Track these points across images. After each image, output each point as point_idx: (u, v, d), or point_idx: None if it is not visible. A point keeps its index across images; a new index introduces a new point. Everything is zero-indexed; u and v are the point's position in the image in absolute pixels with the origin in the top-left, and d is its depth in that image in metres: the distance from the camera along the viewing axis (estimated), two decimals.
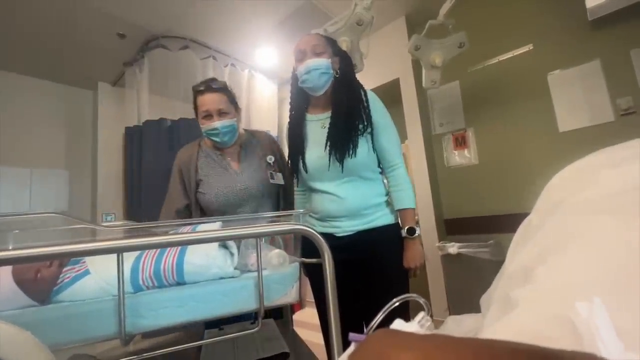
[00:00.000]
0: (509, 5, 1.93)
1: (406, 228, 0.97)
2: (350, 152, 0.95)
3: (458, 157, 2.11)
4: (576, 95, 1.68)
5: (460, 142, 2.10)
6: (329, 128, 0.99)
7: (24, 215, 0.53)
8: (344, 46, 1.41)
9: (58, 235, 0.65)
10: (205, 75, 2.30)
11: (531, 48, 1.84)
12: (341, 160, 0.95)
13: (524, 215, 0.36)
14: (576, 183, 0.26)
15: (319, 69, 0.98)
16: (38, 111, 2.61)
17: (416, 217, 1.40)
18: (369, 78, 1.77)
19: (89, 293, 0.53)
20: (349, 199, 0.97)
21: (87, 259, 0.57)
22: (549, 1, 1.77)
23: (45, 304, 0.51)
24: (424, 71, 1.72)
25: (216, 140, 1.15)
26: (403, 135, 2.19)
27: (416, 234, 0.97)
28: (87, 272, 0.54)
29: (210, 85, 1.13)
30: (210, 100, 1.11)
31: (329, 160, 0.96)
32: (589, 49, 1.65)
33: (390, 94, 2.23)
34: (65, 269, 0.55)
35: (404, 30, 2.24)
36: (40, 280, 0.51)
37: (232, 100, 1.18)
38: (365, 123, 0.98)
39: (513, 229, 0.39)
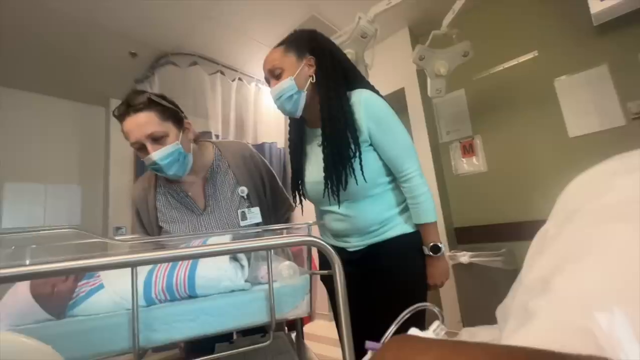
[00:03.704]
0: (513, 13, 1.94)
1: (430, 246, 0.88)
2: (343, 184, 0.85)
3: (466, 165, 2.09)
4: (585, 100, 1.67)
5: (468, 149, 2.09)
6: (323, 153, 0.89)
7: (40, 230, 0.55)
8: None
9: (72, 250, 0.67)
10: (214, 90, 2.36)
11: (536, 55, 1.84)
12: (337, 194, 0.87)
13: (536, 222, 0.36)
14: (591, 191, 0.26)
15: (282, 96, 0.88)
16: (52, 128, 2.70)
17: None
18: None
19: (103, 307, 0.53)
20: (355, 218, 0.90)
21: (102, 273, 0.58)
22: (553, 8, 1.78)
23: (61, 318, 0.52)
24: (429, 80, 1.73)
25: (162, 175, 0.87)
26: None
27: (441, 252, 0.88)
28: (101, 286, 0.55)
29: (130, 104, 0.80)
30: (134, 126, 0.80)
31: (324, 190, 0.89)
32: (596, 53, 1.64)
33: (396, 103, 2.24)
34: (80, 283, 0.56)
35: (407, 40, 2.28)
36: (56, 295, 0.52)
37: (168, 114, 0.84)
38: (354, 148, 0.85)
39: (525, 237, 0.39)
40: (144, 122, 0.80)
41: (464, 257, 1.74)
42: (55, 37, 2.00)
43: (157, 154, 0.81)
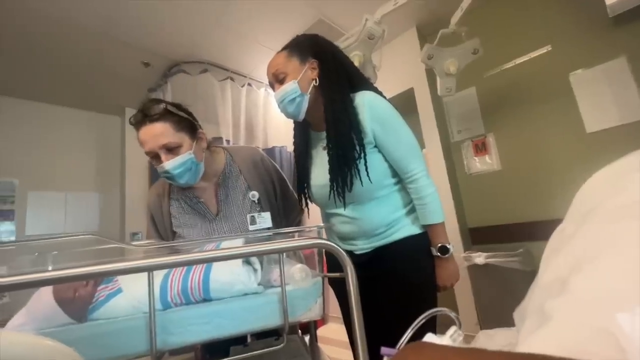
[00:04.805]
0: (523, 7, 1.90)
1: (438, 247, 0.87)
2: (348, 185, 0.85)
3: (479, 164, 2.05)
4: (602, 94, 1.62)
5: (481, 148, 2.05)
6: (328, 156, 0.89)
7: (63, 237, 0.57)
8: (356, 61, 1.43)
9: (91, 255, 0.69)
10: (224, 96, 2.40)
11: (550, 49, 1.80)
12: (342, 195, 0.87)
13: (554, 221, 0.34)
14: (608, 188, 0.25)
15: (285, 99, 0.89)
16: (71, 138, 2.80)
17: None
18: (382, 89, 1.80)
19: (122, 311, 0.55)
20: (361, 220, 0.89)
21: (120, 277, 0.59)
22: (565, 0, 1.73)
23: (82, 321, 0.53)
24: (438, 79, 1.71)
25: (174, 183, 0.90)
26: (420, 144, 2.16)
27: (449, 253, 0.87)
28: (119, 291, 0.57)
29: (147, 114, 0.83)
30: (149, 136, 0.83)
31: (330, 192, 0.88)
32: (613, 46, 1.59)
33: (405, 103, 2.23)
34: (99, 287, 0.58)
35: (415, 40, 2.26)
36: (77, 299, 0.53)
37: (183, 124, 0.87)
38: (359, 150, 0.86)
39: (543, 237, 0.38)
40: (159, 132, 0.83)
41: (479, 258, 1.70)
42: (72, 51, 2.08)
43: (169, 164, 0.83)
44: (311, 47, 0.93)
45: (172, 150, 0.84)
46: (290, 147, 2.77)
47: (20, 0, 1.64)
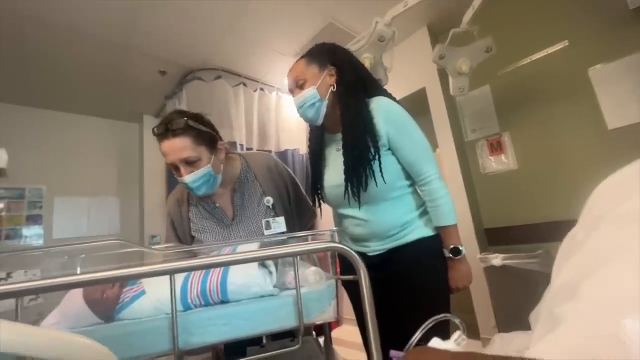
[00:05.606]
0: (538, 1, 1.85)
1: (450, 248, 0.88)
2: (363, 185, 0.88)
3: (495, 163, 2.01)
4: (624, 89, 1.56)
5: (496, 147, 2.01)
6: (343, 157, 0.92)
7: (92, 242, 0.61)
8: (366, 63, 1.43)
9: (115, 258, 0.73)
10: (237, 101, 2.45)
11: (567, 44, 1.75)
12: (357, 195, 0.89)
13: (574, 221, 0.34)
14: (619, 194, 0.25)
15: (305, 104, 0.93)
16: (93, 146, 2.93)
17: None
18: (394, 89, 1.79)
19: (145, 312, 0.58)
20: (374, 222, 0.91)
21: (143, 280, 0.62)
22: None
23: (109, 321, 0.56)
24: (450, 79, 1.69)
25: (193, 194, 0.95)
26: (434, 144, 2.14)
27: (461, 255, 0.88)
28: (143, 292, 0.60)
29: (168, 128, 0.85)
30: (170, 149, 0.86)
31: (345, 192, 0.91)
32: (634, 39, 1.53)
33: (418, 103, 2.22)
34: (125, 289, 0.61)
35: (426, 39, 2.24)
36: (105, 300, 0.57)
37: (201, 138, 0.89)
38: (373, 151, 0.88)
39: (562, 237, 0.37)
40: (179, 147, 0.86)
41: (496, 259, 1.66)
42: (93, 62, 2.18)
43: (189, 177, 0.87)
44: (329, 55, 0.97)
45: (191, 163, 0.88)
46: (302, 150, 2.80)
47: (43, 16, 1.73)
